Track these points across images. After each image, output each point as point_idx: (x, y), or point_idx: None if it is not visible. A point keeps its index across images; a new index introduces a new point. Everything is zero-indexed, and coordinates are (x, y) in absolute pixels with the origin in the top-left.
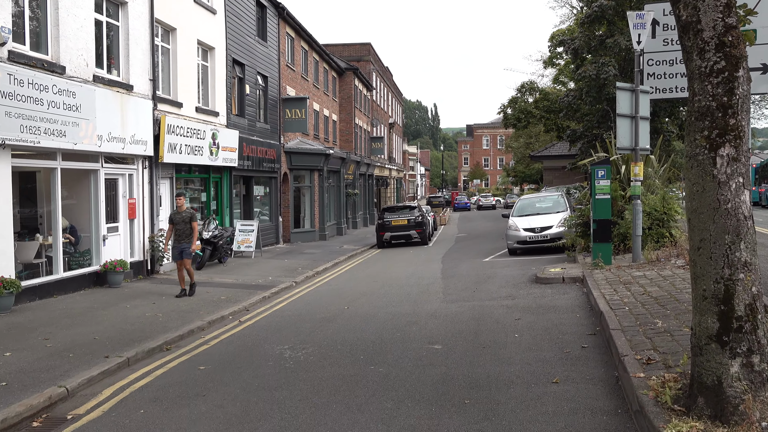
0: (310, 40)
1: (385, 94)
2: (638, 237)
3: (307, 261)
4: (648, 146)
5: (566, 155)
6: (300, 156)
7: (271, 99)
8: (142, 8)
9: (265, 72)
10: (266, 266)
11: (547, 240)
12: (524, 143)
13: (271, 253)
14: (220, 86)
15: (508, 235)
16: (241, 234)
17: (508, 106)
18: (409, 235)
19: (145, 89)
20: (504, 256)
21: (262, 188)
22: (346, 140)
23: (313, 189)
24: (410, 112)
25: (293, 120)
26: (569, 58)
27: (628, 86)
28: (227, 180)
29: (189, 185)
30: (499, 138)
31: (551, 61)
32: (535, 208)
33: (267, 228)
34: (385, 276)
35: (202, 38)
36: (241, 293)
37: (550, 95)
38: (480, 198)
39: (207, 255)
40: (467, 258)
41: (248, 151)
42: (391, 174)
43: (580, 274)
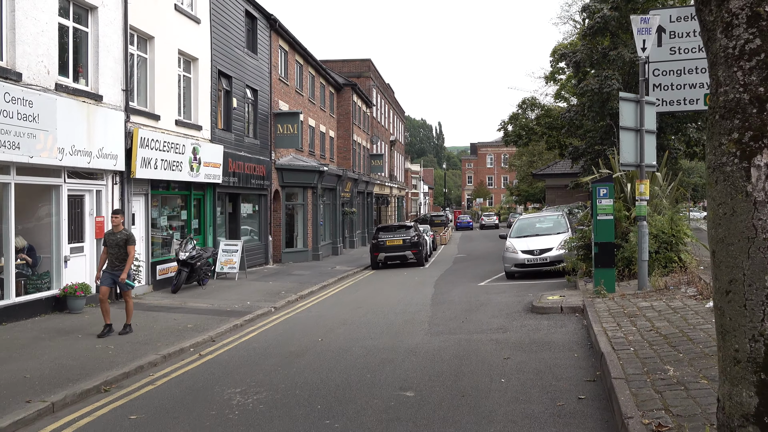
0: (306, 54)
1: (386, 111)
2: (644, 262)
3: (293, 284)
4: (654, 162)
5: (568, 173)
6: (292, 173)
7: (262, 113)
8: (114, 14)
9: (255, 85)
10: (248, 289)
11: (547, 263)
12: (527, 161)
13: (258, 274)
14: (204, 99)
15: (505, 257)
16: (225, 254)
17: (508, 123)
18: (404, 256)
19: (117, 100)
20: (501, 280)
21: (251, 206)
22: (343, 157)
23: (307, 207)
24: (414, 131)
25: (285, 135)
26: (571, 73)
27: (632, 97)
28: (211, 197)
29: (167, 203)
30: (503, 157)
31: (553, 77)
32: (535, 228)
33: (255, 248)
34: (371, 302)
35: (184, 48)
36: (211, 321)
37: (551, 111)
38: (483, 217)
39: (183, 277)
40: (462, 281)
41: (234, 167)
42: (392, 192)
43: (580, 303)
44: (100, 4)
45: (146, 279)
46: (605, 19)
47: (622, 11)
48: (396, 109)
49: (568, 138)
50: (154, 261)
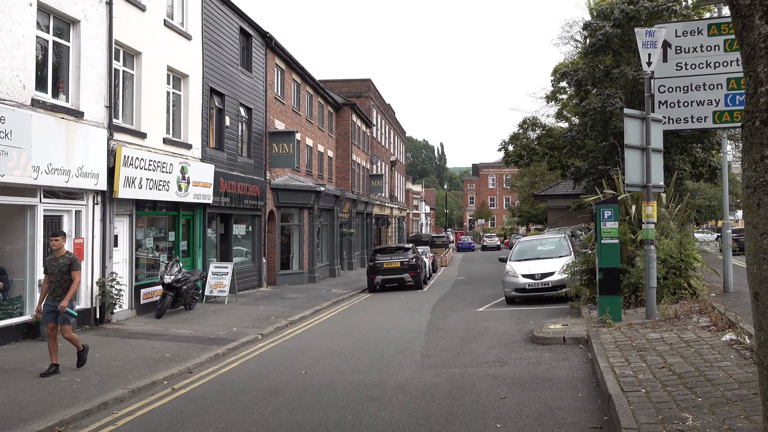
0: (303, 73)
1: (386, 131)
2: (652, 289)
3: (284, 308)
4: (662, 183)
5: (570, 194)
6: (288, 193)
7: (256, 132)
8: (98, 28)
9: (249, 104)
10: (236, 314)
11: (548, 288)
12: (529, 182)
13: (249, 297)
14: (195, 117)
15: (505, 281)
16: (215, 277)
17: (509, 143)
18: (402, 279)
19: (100, 117)
20: (500, 305)
21: (244, 227)
22: (342, 177)
23: (302, 228)
24: (417, 151)
25: (281, 155)
26: (572, 92)
27: (638, 114)
28: (200, 218)
29: (154, 224)
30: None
31: (554, 96)
32: (536, 251)
33: (248, 270)
34: (364, 328)
35: (174, 65)
36: (192, 349)
37: (553, 131)
38: (484, 238)
39: (168, 302)
40: (460, 306)
41: (227, 186)
42: (392, 213)
43: (584, 333)
44: (83, 17)
45: (129, 303)
46: (607, 37)
47: (624, 28)
48: (397, 129)
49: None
50: (139, 285)
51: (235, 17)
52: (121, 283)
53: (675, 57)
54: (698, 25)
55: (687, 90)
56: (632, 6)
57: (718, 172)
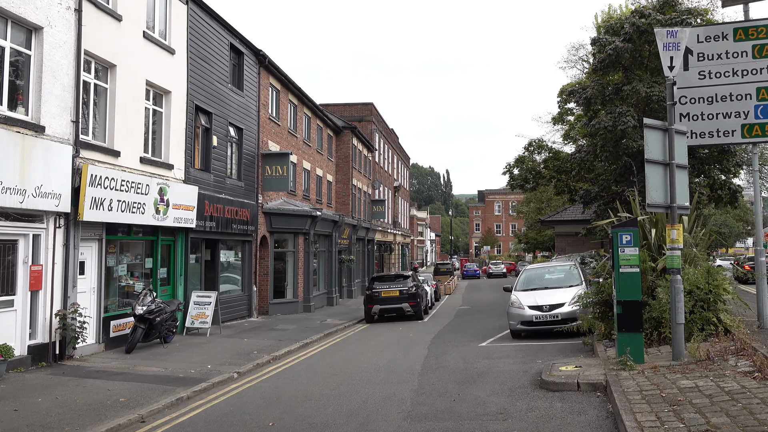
0: (300, 95)
1: (389, 156)
2: (680, 326)
3: (270, 341)
4: (687, 203)
5: (579, 220)
6: (281, 218)
7: (248, 154)
8: (64, 37)
9: (240, 124)
10: (216, 348)
11: (558, 321)
12: (535, 208)
13: (235, 329)
14: (178, 135)
15: (510, 313)
16: (197, 307)
17: (514, 166)
18: (401, 309)
19: (64, 132)
20: (505, 339)
21: (232, 253)
22: (342, 202)
23: (297, 254)
24: (422, 178)
25: (274, 177)
26: (581, 112)
27: (659, 124)
28: (182, 243)
29: (128, 249)
30: (511, 204)
31: (561, 118)
32: (543, 280)
33: (237, 299)
34: (352, 366)
35: (154, 79)
36: (153, 392)
37: (560, 154)
38: (489, 265)
39: (139, 335)
40: (461, 340)
41: (212, 210)
42: (395, 239)
43: (602, 377)
44: (46, 24)
45: (96, 337)
46: (617, 52)
47: (635, 43)
48: (400, 154)
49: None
50: (108, 316)
51: (225, 33)
52: (84, 314)
53: (697, 65)
54: (723, 30)
55: (712, 101)
56: (644, 19)
57: (739, 195)
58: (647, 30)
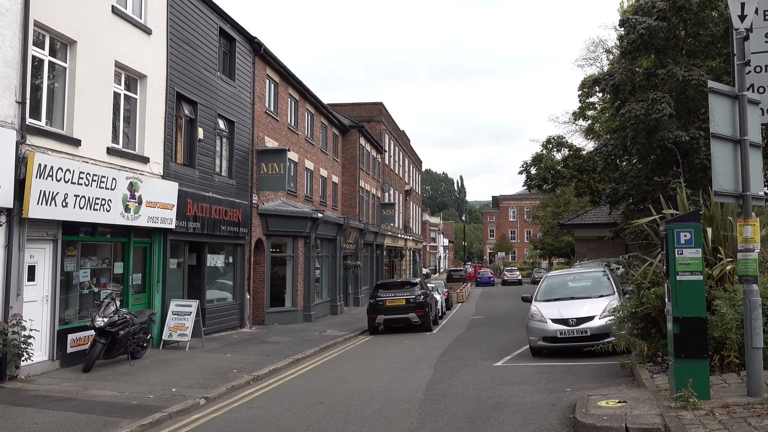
0: (302, 89)
1: (400, 158)
2: (758, 350)
3: (257, 356)
4: (762, 192)
5: (603, 224)
6: (279, 219)
7: (240, 149)
8: (7, 3)
9: (231, 116)
10: (191, 366)
11: (587, 337)
12: (551, 212)
13: (222, 341)
14: (155, 126)
15: (531, 327)
16: (176, 318)
17: (531, 165)
18: (407, 319)
19: (6, 114)
20: (525, 358)
21: (222, 258)
22: (349, 205)
23: (297, 259)
24: (436, 184)
25: (270, 176)
26: (605, 104)
27: (728, 90)
28: (160, 246)
29: (93, 252)
30: (526, 210)
31: (582, 113)
32: (568, 289)
33: (227, 308)
34: (342, 391)
35: (127, 61)
36: (91, 425)
37: (581, 152)
38: (504, 272)
39: (98, 351)
40: (473, 358)
41: (197, 209)
42: (406, 245)
43: (658, 419)
44: None
45: (48, 353)
46: (650, 31)
47: (670, 21)
48: (411, 157)
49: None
50: (65, 329)
51: (214, 16)
52: (29, 327)
53: (764, 25)
54: None
55: None
56: None
57: None
58: (684, 6)
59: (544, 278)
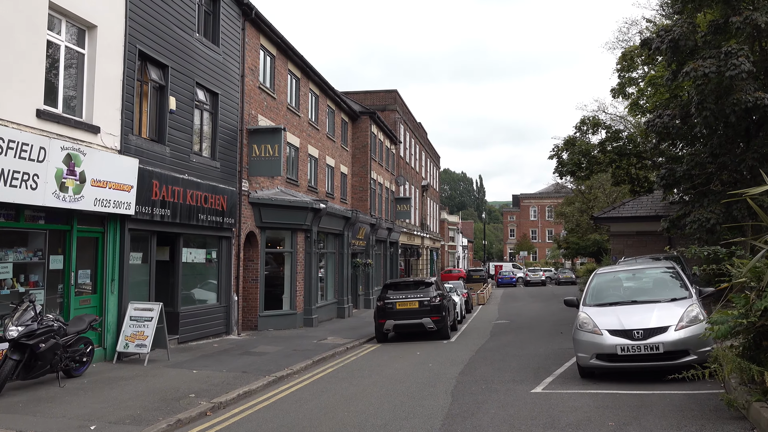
0: (305, 66)
1: (416, 151)
2: None
3: (231, 374)
4: None
5: (643, 217)
6: (274, 210)
7: (227, 127)
8: None
9: (215, 87)
10: (137, 389)
11: (660, 355)
12: (578, 209)
13: (195, 352)
14: (109, 89)
15: (580, 340)
16: (134, 325)
17: (563, 149)
18: (420, 324)
19: None
20: (571, 380)
21: (203, 253)
22: (359, 198)
23: (296, 256)
24: (454, 184)
25: (262, 159)
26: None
27: None
28: (115, 236)
29: (16, 243)
30: (548, 208)
31: (621, 89)
32: (626, 290)
33: (210, 311)
34: (325, 429)
35: (66, 4)
36: None
37: (620, 133)
38: (527, 272)
39: (8, 369)
40: (503, 379)
41: (166, 193)
42: (423, 243)
43: None
44: None
45: None
46: None
47: None
48: (429, 152)
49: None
50: None
51: None
52: None
53: None
54: None
55: None
56: None
57: None
58: None
59: (593, 276)
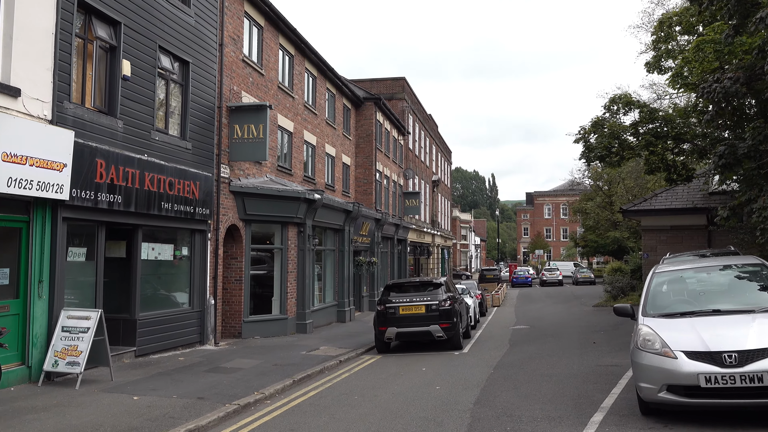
0: (300, 42)
1: (426, 144)
2: None
3: (183, 400)
4: None
5: (680, 209)
6: (260, 200)
7: (201, 103)
8: None
9: (184, 54)
10: (44, 427)
11: (763, 390)
12: (599, 203)
13: (153, 368)
14: (34, 43)
15: (642, 364)
16: (66, 337)
17: (590, 132)
18: (427, 333)
19: None
20: (632, 421)
21: (169, 249)
22: (363, 191)
23: (287, 253)
24: (467, 183)
25: (245, 141)
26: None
27: None
28: (44, 227)
29: None
30: (562, 206)
31: (657, 63)
32: (701, 296)
33: (178, 318)
34: None
35: None
36: None
37: (657, 112)
38: (543, 272)
39: None
40: (533, 415)
41: (117, 176)
42: (434, 241)
43: None
44: None
45: None
46: None
47: None
48: (440, 145)
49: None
50: None
51: None
52: None
53: None
54: None
55: None
56: None
57: None
58: None
59: (652, 275)
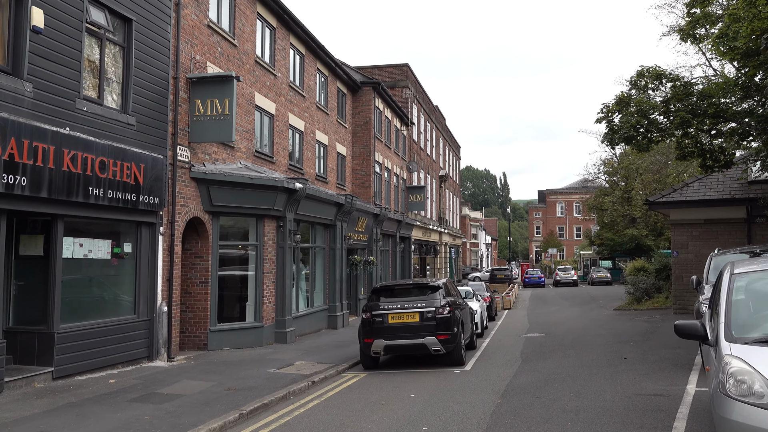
0: (281, 11)
1: (432, 137)
2: None
3: None
4: None
5: (716, 200)
6: (229, 189)
7: (149, 70)
8: None
9: (126, 11)
10: None
11: None
12: (619, 198)
13: (58, 397)
14: None
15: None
16: None
17: (614, 110)
18: (422, 346)
19: None
20: None
21: (105, 245)
22: (360, 184)
23: (263, 251)
24: (478, 181)
25: (207, 119)
26: None
27: None
28: None
29: None
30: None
31: (691, 32)
32: None
33: (117, 328)
34: None
35: None
36: None
37: (693, 86)
38: (557, 272)
39: None
40: None
41: (23, 153)
42: (441, 239)
43: None
44: None
45: None
46: None
47: None
48: (447, 139)
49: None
50: None
51: None
52: None
53: None
54: None
55: None
56: None
57: None
58: None
59: (727, 280)
